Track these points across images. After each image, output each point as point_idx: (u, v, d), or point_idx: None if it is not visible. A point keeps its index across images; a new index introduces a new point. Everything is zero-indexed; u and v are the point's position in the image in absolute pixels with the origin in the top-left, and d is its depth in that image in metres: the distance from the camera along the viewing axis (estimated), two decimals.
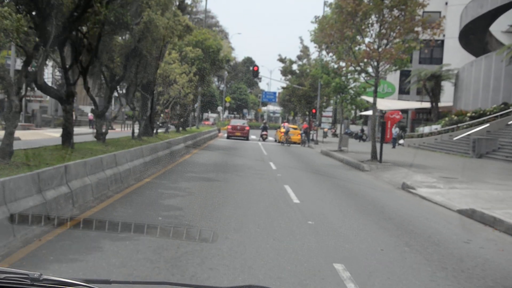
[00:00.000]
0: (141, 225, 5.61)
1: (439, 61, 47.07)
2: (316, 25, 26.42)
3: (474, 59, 38.57)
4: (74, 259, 4.94)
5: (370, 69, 21.64)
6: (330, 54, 26.33)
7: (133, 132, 16.15)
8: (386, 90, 46.07)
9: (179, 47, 21.60)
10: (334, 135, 56.14)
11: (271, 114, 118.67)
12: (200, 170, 14.26)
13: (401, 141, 39.81)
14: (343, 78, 26.14)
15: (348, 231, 7.37)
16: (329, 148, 30.32)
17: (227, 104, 74.05)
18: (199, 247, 5.58)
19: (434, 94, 38.43)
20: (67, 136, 9.55)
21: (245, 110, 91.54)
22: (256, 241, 6.29)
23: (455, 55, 44.67)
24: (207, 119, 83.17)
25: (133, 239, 5.67)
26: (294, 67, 41.72)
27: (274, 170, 15.94)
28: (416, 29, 17.96)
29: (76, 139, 11.41)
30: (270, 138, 40.64)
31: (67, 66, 9.84)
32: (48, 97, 48.73)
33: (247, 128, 37.18)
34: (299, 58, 40.88)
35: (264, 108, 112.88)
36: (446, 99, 41.22)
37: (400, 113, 20.10)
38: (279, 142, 35.60)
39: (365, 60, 19.11)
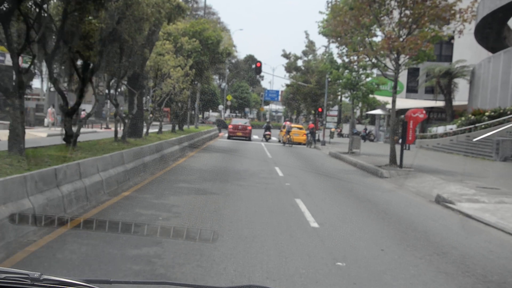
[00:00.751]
0: None
1: (449, 58, 44.76)
2: (325, 16, 24.20)
3: (492, 55, 36.23)
4: None
5: (386, 63, 19.34)
6: (342, 46, 24.10)
7: (115, 133, 13.80)
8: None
9: (174, 38, 19.36)
10: (340, 135, 53.87)
11: (274, 113, 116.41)
12: (194, 179, 12.01)
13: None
14: (353, 73, 23.96)
15: (396, 280, 5.11)
16: (338, 149, 28.04)
17: (229, 103, 71.83)
18: None
19: (448, 92, 36.11)
20: (15, 139, 7.33)
21: (246, 109, 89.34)
22: None
23: (465, 52, 42.28)
24: (208, 118, 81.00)
25: None
26: (299, 63, 39.48)
27: (281, 178, 13.70)
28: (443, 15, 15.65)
29: (44, 141, 9.28)
30: (273, 138, 38.38)
31: (19, 48, 7.60)
32: (45, 95, 46.43)
33: (249, 127, 34.93)
34: (305, 53, 38.63)
35: (266, 107, 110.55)
36: (459, 98, 38.91)
37: (424, 111, 17.73)
38: (283, 143, 33.36)
39: (383, 51, 16.83)
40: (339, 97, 39.31)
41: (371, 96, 24.52)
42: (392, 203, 10.79)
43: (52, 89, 26.90)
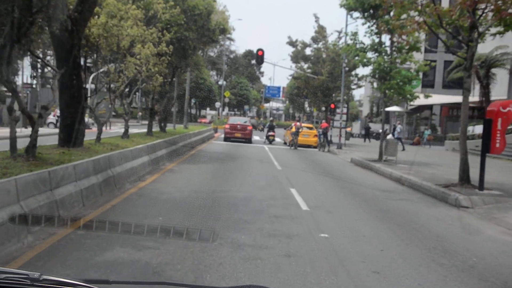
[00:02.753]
0: None
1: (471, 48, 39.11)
2: None
3: None
4: None
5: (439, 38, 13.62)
6: (371, 23, 18.48)
7: (12, 143, 7.60)
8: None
9: (146, 3, 13.69)
10: (350, 135, 48.26)
11: (274, 111, 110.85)
12: (150, 230, 6.29)
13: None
14: (386, 57, 18.34)
15: None
16: (360, 154, 22.40)
17: (227, 100, 66.09)
18: None
19: (487, 84, 30.53)
20: None
21: (246, 107, 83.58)
22: None
23: (490, 41, 36.64)
24: (204, 117, 75.16)
25: None
26: (308, 52, 33.81)
27: (306, 216, 8.07)
28: None
29: None
30: (277, 140, 32.73)
31: None
32: (26, 93, 40.60)
33: (250, 127, 29.25)
34: (314, 40, 32.94)
35: (266, 105, 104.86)
36: (496, 92, 33.32)
37: None
38: (290, 145, 27.72)
39: (454, 16, 11.16)
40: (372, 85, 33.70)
41: (408, 86, 18.85)
42: None
43: None
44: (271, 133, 30.46)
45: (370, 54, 18.87)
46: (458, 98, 38.21)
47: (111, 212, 7.11)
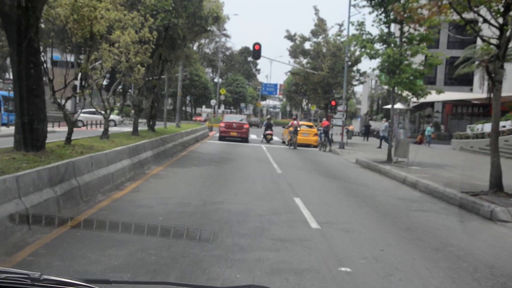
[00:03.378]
0: None
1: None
2: None
3: None
4: None
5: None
6: (379, 11, 16.90)
7: None
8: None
9: None
10: (352, 133, 46.68)
11: (271, 109, 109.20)
12: (124, 255, 4.69)
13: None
14: (395, 49, 16.74)
15: None
16: (365, 155, 20.83)
17: (222, 97, 64.30)
18: None
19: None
20: None
21: (242, 105, 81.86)
22: None
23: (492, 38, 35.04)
24: (200, 115, 73.39)
25: None
26: (307, 46, 32.13)
27: (317, 235, 6.42)
28: None
29: None
30: (275, 139, 31.11)
31: None
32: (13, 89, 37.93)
33: (246, 126, 27.58)
34: (314, 33, 31.24)
35: (263, 103, 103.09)
36: (505, 89, 31.70)
37: None
38: (288, 144, 26.10)
39: None
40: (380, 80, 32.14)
41: (419, 82, 17.25)
42: None
43: None
44: (268, 131, 28.83)
45: (378, 46, 17.28)
46: (462, 95, 36.64)
47: (62, 241, 5.41)
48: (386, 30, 17.07)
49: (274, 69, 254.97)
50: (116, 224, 5.90)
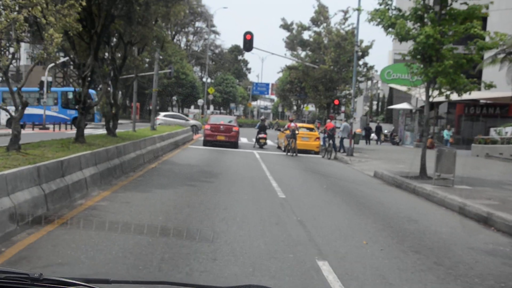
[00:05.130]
0: None
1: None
2: None
3: None
4: None
5: None
6: None
7: None
8: (417, 77, 32.55)
9: None
10: (359, 137, 42.52)
11: (262, 110, 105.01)
12: None
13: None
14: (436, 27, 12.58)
15: None
16: (383, 165, 16.70)
17: (211, 97, 59.93)
18: None
19: None
20: None
21: (232, 105, 77.49)
22: None
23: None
24: (186, 115, 68.73)
25: None
26: (306, 37, 27.90)
27: None
28: None
29: None
30: (269, 143, 26.86)
31: None
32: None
33: (236, 128, 23.26)
34: (314, 22, 27.02)
35: (254, 103, 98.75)
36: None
37: None
38: (286, 150, 21.89)
39: None
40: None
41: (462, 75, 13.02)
42: None
43: None
44: (262, 135, 24.55)
45: (409, 24, 13.10)
46: (478, 94, 32.62)
47: None
48: (422, 2, 12.85)
49: (266, 68, 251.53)
50: None
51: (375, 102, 56.32)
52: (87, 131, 14.01)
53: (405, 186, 12.36)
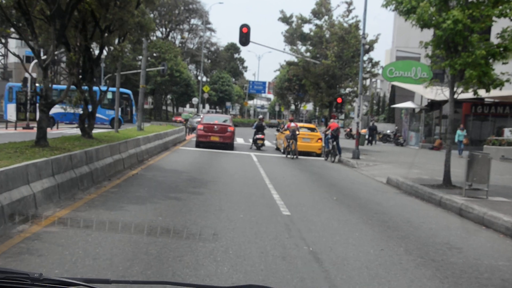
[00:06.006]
0: None
1: None
2: None
3: None
4: None
5: None
6: None
7: None
8: (420, 75, 30.65)
9: None
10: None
11: (259, 109, 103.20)
12: None
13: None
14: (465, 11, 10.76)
15: None
16: (394, 169, 14.91)
17: (206, 95, 58.04)
18: None
19: None
20: None
21: (228, 104, 75.57)
22: None
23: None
24: (180, 114, 66.72)
25: None
26: (306, 30, 26.03)
27: None
28: None
29: None
30: (267, 144, 25.05)
31: None
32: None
33: (231, 128, 21.39)
34: (315, 14, 25.18)
35: (250, 102, 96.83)
36: None
37: None
38: (286, 152, 20.09)
39: None
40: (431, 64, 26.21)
41: (492, 69, 11.17)
42: None
43: None
44: (259, 135, 22.70)
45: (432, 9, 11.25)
46: (484, 92, 30.79)
47: None
48: None
49: (263, 66, 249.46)
50: None
51: (375, 102, 54.55)
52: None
53: (428, 197, 10.54)
